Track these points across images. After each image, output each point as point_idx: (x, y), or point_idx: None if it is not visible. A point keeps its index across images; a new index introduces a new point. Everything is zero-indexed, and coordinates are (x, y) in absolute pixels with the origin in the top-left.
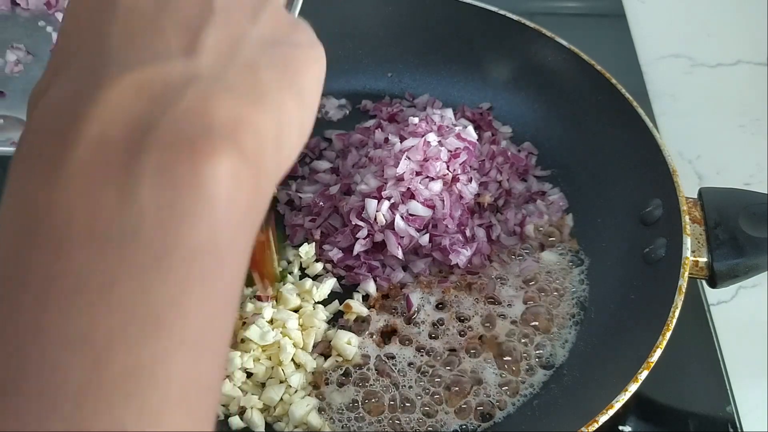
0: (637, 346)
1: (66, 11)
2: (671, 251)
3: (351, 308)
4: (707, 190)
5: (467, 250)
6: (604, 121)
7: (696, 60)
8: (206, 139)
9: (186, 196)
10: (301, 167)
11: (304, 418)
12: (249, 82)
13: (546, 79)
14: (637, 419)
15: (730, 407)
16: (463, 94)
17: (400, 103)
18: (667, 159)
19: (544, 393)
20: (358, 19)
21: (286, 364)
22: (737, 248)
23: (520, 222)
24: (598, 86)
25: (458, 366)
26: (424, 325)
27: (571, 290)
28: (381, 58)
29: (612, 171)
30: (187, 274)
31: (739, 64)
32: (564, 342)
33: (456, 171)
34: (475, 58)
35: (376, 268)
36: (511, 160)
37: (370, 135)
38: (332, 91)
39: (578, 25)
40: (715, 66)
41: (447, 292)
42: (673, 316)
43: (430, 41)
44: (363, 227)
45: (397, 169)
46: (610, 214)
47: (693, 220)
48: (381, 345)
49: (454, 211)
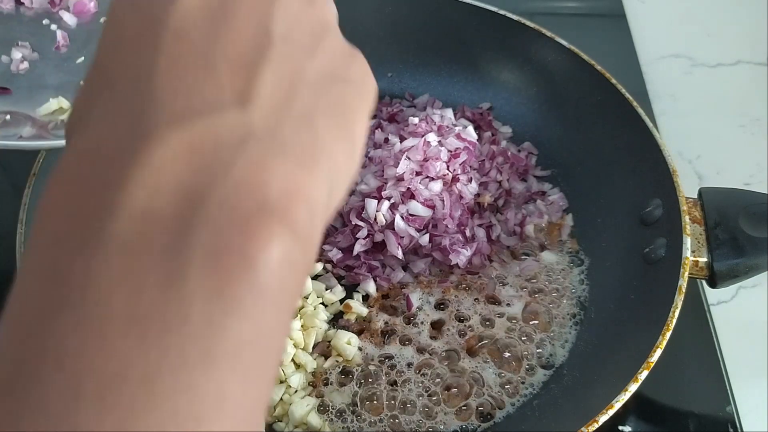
0: (637, 346)
1: (108, 19)
2: (671, 251)
3: (351, 308)
4: (707, 190)
5: (467, 250)
6: (604, 121)
7: (696, 60)
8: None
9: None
10: None
11: (304, 418)
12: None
13: (546, 79)
14: (637, 419)
15: (730, 407)
16: (463, 94)
17: (400, 103)
18: (667, 159)
19: (544, 393)
20: (358, 19)
21: (286, 365)
22: (737, 248)
23: (520, 222)
24: (598, 86)
25: (458, 366)
26: (423, 325)
27: (571, 290)
28: (381, 58)
29: (612, 171)
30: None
31: (739, 64)
32: (564, 342)
33: (456, 171)
34: (475, 58)
35: (376, 268)
36: (511, 160)
37: (370, 135)
38: None
39: (578, 25)
40: (715, 66)
41: (447, 292)
42: (673, 316)
43: (430, 41)
44: (363, 227)
45: (397, 169)
46: (610, 214)
47: (693, 220)
48: (381, 345)
49: (454, 211)
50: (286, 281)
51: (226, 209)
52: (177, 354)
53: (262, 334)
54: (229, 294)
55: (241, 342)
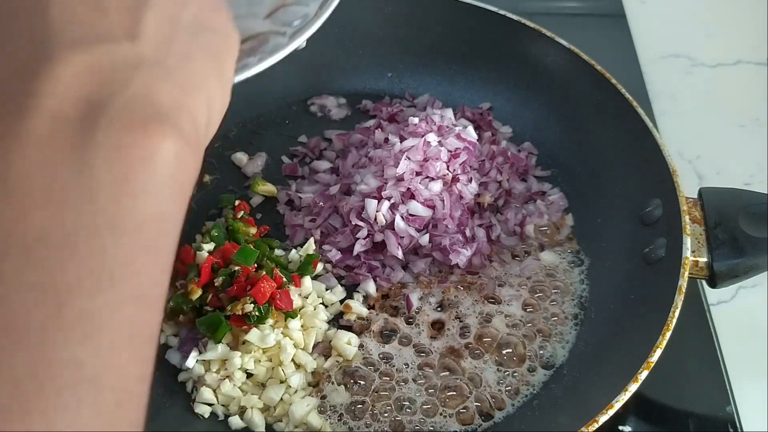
0: (637, 346)
1: None
2: (671, 251)
3: (351, 308)
4: (707, 190)
5: (467, 250)
6: (604, 121)
7: (696, 60)
8: (156, 122)
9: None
10: (301, 167)
11: (304, 418)
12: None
13: (546, 79)
14: (637, 419)
15: (730, 407)
16: (463, 94)
17: (400, 103)
18: (667, 159)
19: (544, 393)
20: (358, 20)
21: (287, 365)
22: (737, 248)
23: (520, 222)
24: (598, 86)
25: (458, 366)
26: (424, 325)
27: (571, 290)
28: (381, 58)
29: (612, 171)
30: (138, 239)
31: (739, 64)
32: (564, 342)
33: (456, 171)
34: (475, 58)
35: (376, 268)
36: (511, 160)
37: (370, 135)
38: (332, 91)
39: (578, 25)
40: (715, 66)
41: (447, 292)
42: (673, 316)
43: (430, 41)
44: (363, 227)
45: (397, 169)
46: (610, 214)
47: (693, 220)
48: (381, 345)
49: (454, 211)
50: (178, 175)
51: (127, 114)
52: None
53: (162, 216)
54: (132, 179)
55: (144, 219)
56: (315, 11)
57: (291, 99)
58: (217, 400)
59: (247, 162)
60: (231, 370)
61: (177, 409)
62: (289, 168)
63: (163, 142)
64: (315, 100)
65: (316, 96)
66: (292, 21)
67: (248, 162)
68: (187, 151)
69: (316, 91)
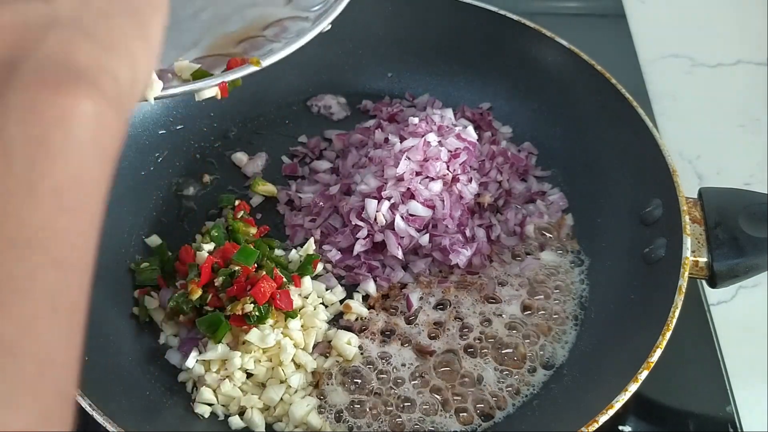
0: (637, 346)
1: None
2: (671, 251)
3: (351, 308)
4: (707, 190)
5: (467, 250)
6: (604, 121)
7: (696, 60)
8: (71, 82)
9: (55, 134)
10: (301, 167)
11: (304, 418)
12: (104, 30)
13: (546, 79)
14: (637, 419)
15: (730, 407)
16: (463, 94)
17: (400, 103)
18: (667, 159)
19: (544, 393)
20: (358, 20)
21: (287, 365)
22: (737, 248)
23: (520, 222)
24: (598, 86)
25: (458, 366)
26: (423, 325)
27: (572, 290)
28: (381, 58)
29: (612, 171)
30: (57, 203)
31: (739, 64)
32: (564, 342)
33: (456, 171)
34: (475, 58)
35: (376, 268)
36: (511, 160)
37: (370, 135)
38: (332, 91)
39: (578, 25)
40: (715, 66)
41: (447, 292)
42: (673, 316)
43: (430, 41)
44: (363, 227)
45: (397, 169)
46: (610, 214)
47: (693, 220)
48: (381, 345)
49: (454, 211)
50: (100, 136)
51: (40, 74)
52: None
53: (83, 179)
54: (48, 140)
55: (63, 182)
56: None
57: (291, 99)
58: (217, 400)
59: (247, 162)
60: (231, 370)
61: (177, 409)
62: (289, 168)
63: (80, 102)
64: (315, 100)
65: (316, 96)
66: (312, 6)
67: (248, 162)
68: (108, 112)
69: (316, 91)
